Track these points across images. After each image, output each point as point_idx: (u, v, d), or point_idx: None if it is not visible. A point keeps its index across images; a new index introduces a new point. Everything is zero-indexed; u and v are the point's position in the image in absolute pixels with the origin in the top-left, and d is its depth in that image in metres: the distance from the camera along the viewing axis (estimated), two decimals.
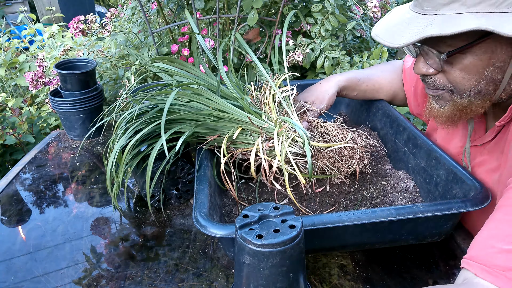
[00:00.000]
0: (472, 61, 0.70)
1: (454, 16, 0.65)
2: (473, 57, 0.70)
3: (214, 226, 0.68)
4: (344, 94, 1.09)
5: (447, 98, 0.78)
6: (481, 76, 0.71)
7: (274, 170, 0.87)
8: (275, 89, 0.94)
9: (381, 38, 0.74)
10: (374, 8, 1.49)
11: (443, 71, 0.75)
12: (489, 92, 0.73)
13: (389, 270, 0.79)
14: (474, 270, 0.60)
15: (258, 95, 0.97)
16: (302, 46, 1.46)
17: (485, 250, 0.61)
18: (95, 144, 1.36)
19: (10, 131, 1.66)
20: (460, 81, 0.74)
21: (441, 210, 0.70)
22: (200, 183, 0.82)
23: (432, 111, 0.82)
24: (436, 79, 0.77)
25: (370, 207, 0.88)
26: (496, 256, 0.59)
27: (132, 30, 1.76)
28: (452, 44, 0.70)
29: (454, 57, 0.71)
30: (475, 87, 0.73)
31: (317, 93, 1.05)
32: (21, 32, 2.84)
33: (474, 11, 0.64)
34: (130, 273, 0.82)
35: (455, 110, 0.78)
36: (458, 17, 0.65)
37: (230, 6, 1.59)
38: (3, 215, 1.03)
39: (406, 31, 0.70)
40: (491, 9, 0.63)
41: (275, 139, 0.84)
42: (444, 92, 0.78)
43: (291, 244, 0.55)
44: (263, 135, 0.89)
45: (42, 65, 1.62)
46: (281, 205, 0.61)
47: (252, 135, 0.91)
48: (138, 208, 1.02)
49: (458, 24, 0.64)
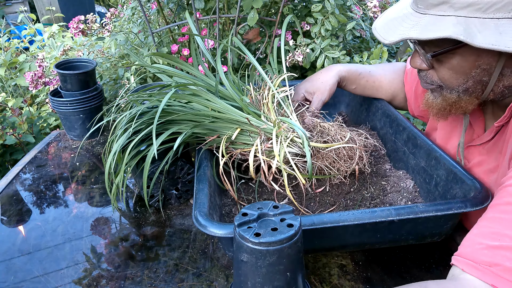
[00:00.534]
0: (459, 61, 0.72)
1: (440, 19, 0.66)
2: (460, 58, 0.71)
3: (214, 225, 0.68)
4: (343, 85, 1.10)
5: (438, 92, 0.80)
6: (469, 76, 0.73)
7: (273, 170, 0.87)
8: (273, 89, 0.94)
9: (377, 32, 0.76)
10: (374, 8, 1.49)
11: (433, 68, 0.77)
12: (477, 91, 0.75)
13: (389, 270, 0.79)
14: (462, 265, 0.61)
15: (257, 96, 0.97)
16: (302, 46, 1.46)
17: (472, 246, 0.62)
18: (95, 144, 1.36)
19: (10, 131, 1.66)
20: (448, 79, 0.76)
21: (441, 210, 0.70)
22: (200, 183, 0.82)
23: (427, 102, 0.84)
24: (428, 74, 0.79)
25: (370, 207, 0.88)
26: (483, 252, 0.60)
27: (132, 30, 1.76)
28: (439, 44, 0.71)
29: (443, 56, 0.73)
30: (463, 85, 0.75)
31: (318, 83, 1.05)
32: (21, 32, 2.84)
33: (460, 14, 0.65)
34: (130, 273, 0.82)
35: (445, 104, 0.80)
36: (443, 19, 0.66)
37: (230, 6, 1.59)
38: (3, 215, 1.03)
39: (398, 28, 0.72)
40: (477, 14, 0.64)
41: (274, 139, 0.84)
42: (435, 87, 0.80)
43: (288, 243, 0.55)
44: (262, 135, 0.89)
45: (42, 65, 1.62)
46: (280, 204, 0.61)
47: (251, 135, 0.91)
48: (138, 208, 1.02)
49: (438, 29, 0.65)
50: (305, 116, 0.98)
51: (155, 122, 0.81)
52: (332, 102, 1.31)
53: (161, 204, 0.98)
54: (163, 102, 0.82)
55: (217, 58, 1.00)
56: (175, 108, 0.94)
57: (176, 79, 1.02)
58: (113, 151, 0.86)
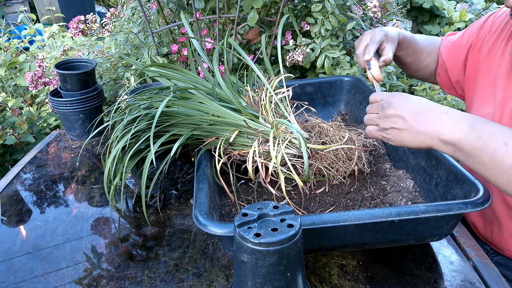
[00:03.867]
0: None
1: None
2: None
3: (214, 224, 0.68)
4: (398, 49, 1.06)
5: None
6: None
7: (270, 172, 0.87)
8: (271, 91, 0.94)
9: None
10: (374, 8, 1.49)
11: None
12: None
13: (389, 270, 0.79)
14: None
15: (254, 96, 0.97)
16: (302, 46, 1.46)
17: None
18: (95, 144, 1.36)
19: (10, 131, 1.66)
20: None
21: (442, 211, 0.70)
22: (199, 182, 0.82)
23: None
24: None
25: (370, 207, 0.88)
26: None
27: (132, 30, 1.76)
28: None
29: None
30: None
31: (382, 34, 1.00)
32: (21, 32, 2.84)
33: None
34: (130, 273, 0.82)
35: None
36: None
37: (230, 6, 1.59)
38: (3, 215, 1.03)
39: None
40: None
41: (271, 142, 0.84)
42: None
43: (288, 243, 0.55)
44: (260, 138, 0.89)
45: (42, 65, 1.62)
46: (280, 205, 0.61)
47: (249, 137, 0.91)
48: (138, 208, 1.02)
49: None
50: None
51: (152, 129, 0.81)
52: (332, 101, 1.31)
53: (161, 205, 0.98)
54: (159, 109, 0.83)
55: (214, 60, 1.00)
56: (173, 110, 0.94)
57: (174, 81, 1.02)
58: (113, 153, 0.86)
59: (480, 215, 1.01)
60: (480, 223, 1.01)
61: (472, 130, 0.66)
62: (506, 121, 0.88)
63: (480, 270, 0.78)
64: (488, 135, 0.65)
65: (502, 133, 0.64)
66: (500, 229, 0.94)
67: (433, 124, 0.69)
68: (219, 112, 0.92)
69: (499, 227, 0.94)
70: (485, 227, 0.99)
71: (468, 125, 0.67)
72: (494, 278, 0.77)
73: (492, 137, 0.64)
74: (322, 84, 1.28)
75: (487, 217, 0.98)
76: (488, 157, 0.64)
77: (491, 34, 0.97)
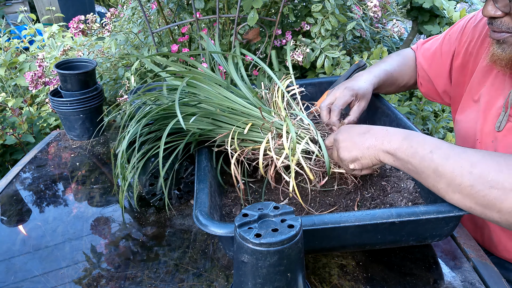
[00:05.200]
0: None
1: None
2: None
3: (215, 224, 0.68)
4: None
5: (510, 41, 0.81)
6: None
7: (280, 166, 0.87)
8: (283, 89, 0.95)
9: None
10: (374, 8, 1.49)
11: (509, 14, 0.78)
12: None
13: (389, 270, 0.79)
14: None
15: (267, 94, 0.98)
16: (302, 46, 1.46)
17: None
18: (95, 144, 1.36)
19: (10, 131, 1.66)
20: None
21: (442, 212, 0.70)
22: (200, 182, 0.82)
23: (494, 56, 0.85)
24: (503, 22, 0.79)
25: (370, 207, 0.88)
26: None
27: (132, 30, 1.76)
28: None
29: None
30: None
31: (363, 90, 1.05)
32: (21, 32, 2.83)
33: None
34: (130, 273, 0.82)
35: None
36: None
37: (230, 6, 1.59)
38: (3, 215, 1.03)
39: None
40: None
41: (284, 134, 0.85)
42: (508, 36, 0.80)
43: (289, 244, 0.55)
44: (273, 131, 0.89)
45: (42, 65, 1.62)
46: (281, 205, 0.61)
47: (261, 130, 0.91)
48: (138, 208, 1.02)
49: None
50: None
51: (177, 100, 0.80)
52: None
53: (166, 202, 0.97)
54: (180, 86, 0.84)
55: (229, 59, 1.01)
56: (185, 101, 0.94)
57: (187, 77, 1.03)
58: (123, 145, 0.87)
59: (470, 219, 1.01)
60: (470, 228, 1.01)
61: (405, 140, 0.74)
62: (488, 128, 0.90)
63: (480, 271, 0.78)
64: (418, 144, 0.72)
65: (430, 143, 0.71)
66: (490, 234, 0.95)
67: (376, 139, 0.77)
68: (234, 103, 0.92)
69: (489, 231, 0.95)
70: (475, 231, 1.00)
71: (401, 137, 0.75)
72: (494, 278, 0.77)
73: (420, 146, 0.71)
74: (322, 84, 1.28)
75: (477, 221, 0.98)
76: (418, 162, 0.71)
77: (475, 40, 0.99)
